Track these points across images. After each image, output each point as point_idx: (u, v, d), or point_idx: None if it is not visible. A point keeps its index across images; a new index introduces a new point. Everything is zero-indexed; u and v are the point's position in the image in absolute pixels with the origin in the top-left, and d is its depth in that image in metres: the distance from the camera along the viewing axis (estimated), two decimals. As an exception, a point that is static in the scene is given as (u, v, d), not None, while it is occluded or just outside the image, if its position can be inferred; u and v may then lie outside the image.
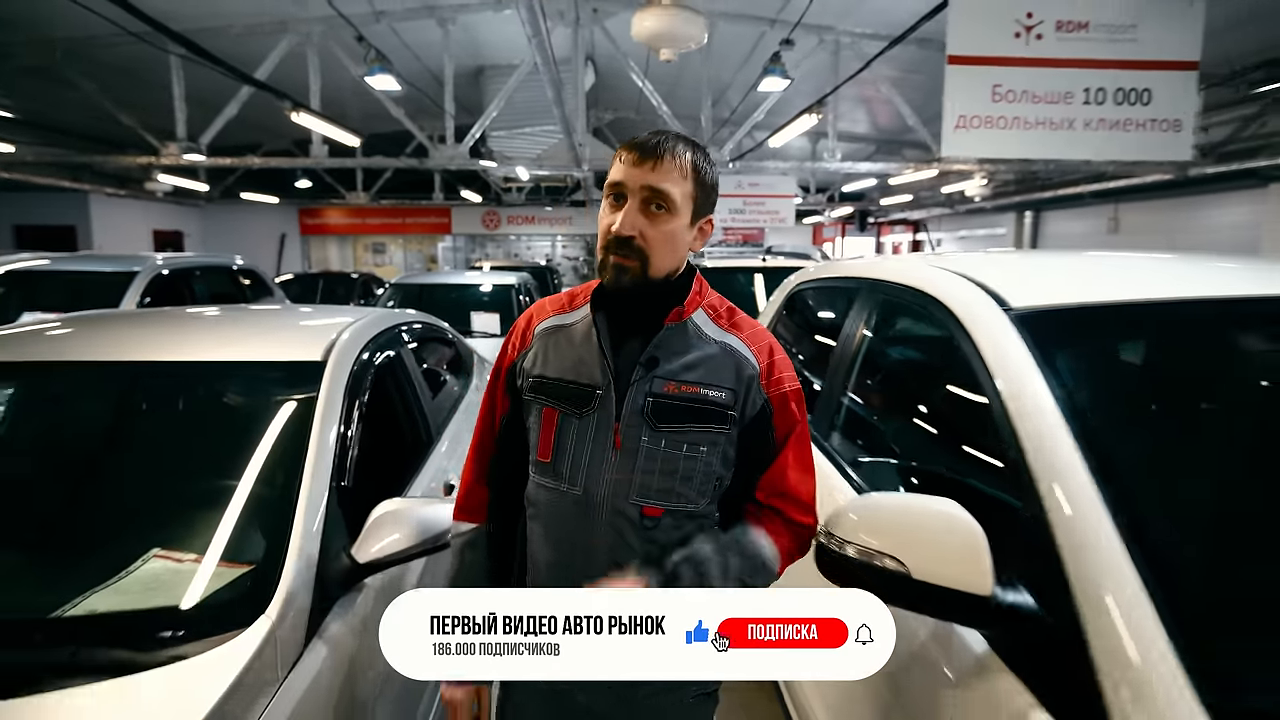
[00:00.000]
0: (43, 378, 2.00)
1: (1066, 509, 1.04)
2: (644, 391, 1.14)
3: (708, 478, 1.16)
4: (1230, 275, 1.55)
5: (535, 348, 1.23)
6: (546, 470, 1.18)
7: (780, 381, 1.21)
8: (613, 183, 1.13)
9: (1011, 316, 1.37)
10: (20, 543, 1.65)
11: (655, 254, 1.12)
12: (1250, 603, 1.00)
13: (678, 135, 1.16)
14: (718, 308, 1.23)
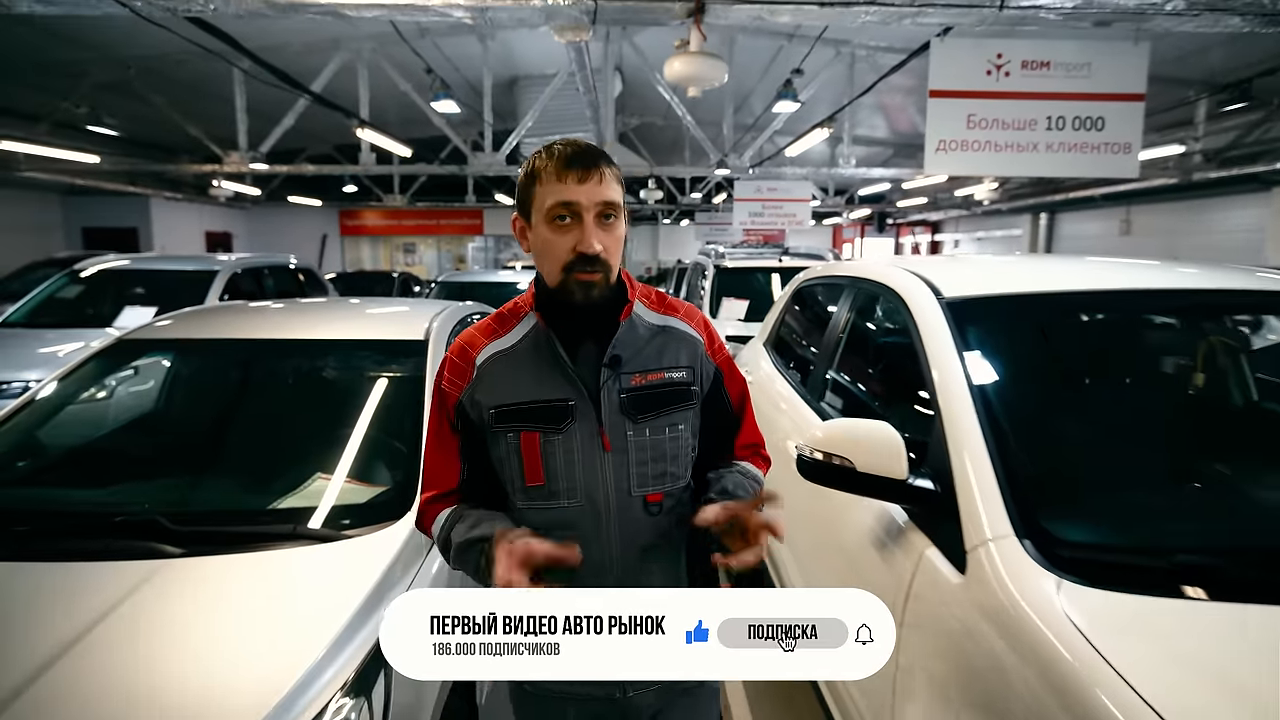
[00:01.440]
0: (239, 349, 2.64)
1: (956, 427, 1.59)
2: (616, 389, 1.17)
3: (687, 452, 1.23)
4: (1110, 273, 2.10)
5: (484, 378, 1.20)
6: (539, 493, 1.18)
7: (721, 348, 1.30)
8: (563, 202, 1.11)
9: (942, 302, 1.92)
10: (232, 465, 2.28)
11: (614, 260, 1.15)
12: (1065, 489, 1.55)
13: (589, 144, 1.18)
14: (649, 294, 1.28)
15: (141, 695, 1.40)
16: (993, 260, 2.64)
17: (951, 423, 1.61)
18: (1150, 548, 1.32)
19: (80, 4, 3.18)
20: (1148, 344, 2.15)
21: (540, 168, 1.14)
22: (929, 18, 3.37)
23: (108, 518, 1.89)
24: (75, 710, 1.36)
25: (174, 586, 1.68)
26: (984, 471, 1.48)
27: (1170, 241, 12.22)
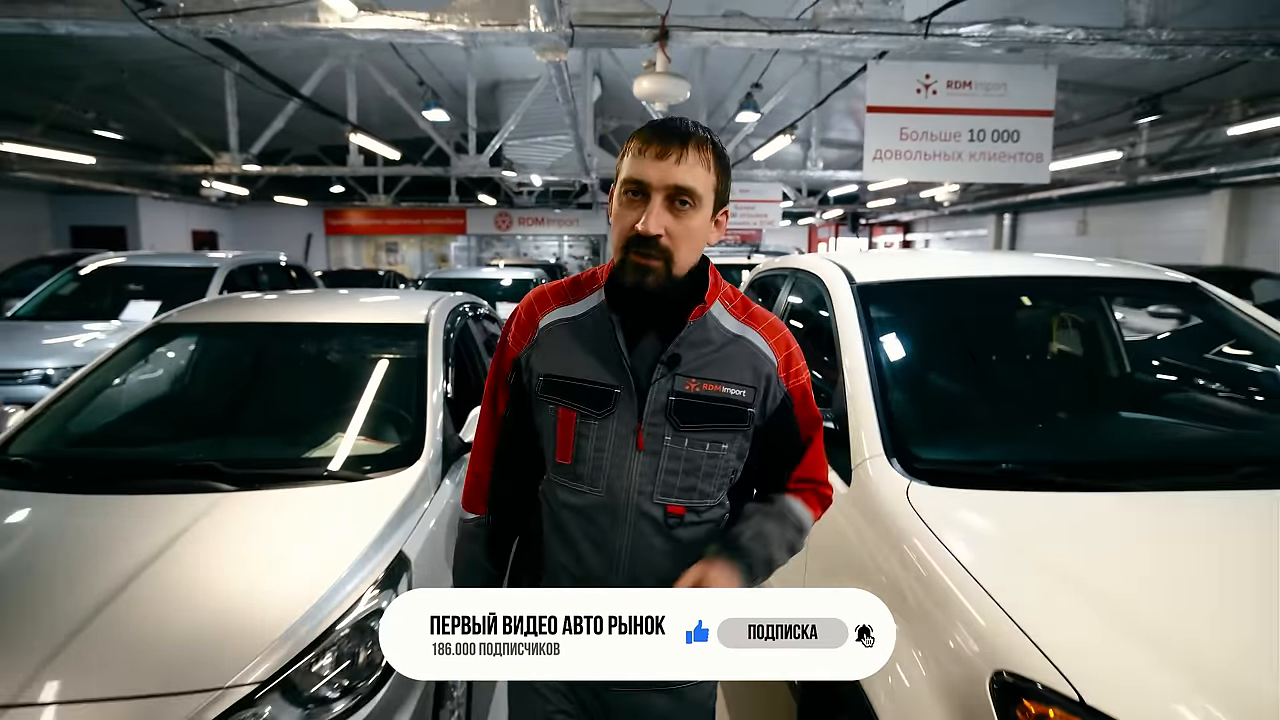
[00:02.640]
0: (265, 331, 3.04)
1: (853, 380, 2.06)
2: (666, 390, 1.10)
3: (726, 473, 1.16)
4: (987, 263, 2.58)
5: (543, 343, 1.17)
6: (566, 472, 1.15)
7: (799, 374, 1.20)
8: (634, 178, 1.05)
9: (853, 286, 2.38)
10: (265, 426, 2.69)
11: (680, 252, 1.07)
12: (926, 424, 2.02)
13: (695, 122, 1.11)
14: (733, 298, 1.20)
15: (214, 591, 1.81)
16: (904, 254, 3.12)
17: (850, 377, 2.07)
18: (980, 461, 1.79)
19: (112, 25, 3.56)
20: (1008, 318, 2.64)
21: (631, 137, 1.09)
22: (864, 43, 3.87)
23: (172, 465, 2.31)
24: (168, 599, 1.77)
25: (231, 513, 2.10)
26: (868, 412, 1.94)
27: (1123, 240, 12.88)
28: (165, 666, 1.60)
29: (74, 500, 2.13)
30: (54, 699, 1.52)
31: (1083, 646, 1.18)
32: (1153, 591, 1.31)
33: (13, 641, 1.61)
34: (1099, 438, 1.95)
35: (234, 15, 3.56)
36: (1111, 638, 1.20)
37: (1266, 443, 1.96)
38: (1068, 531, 1.50)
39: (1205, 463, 1.79)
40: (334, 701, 1.71)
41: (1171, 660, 1.14)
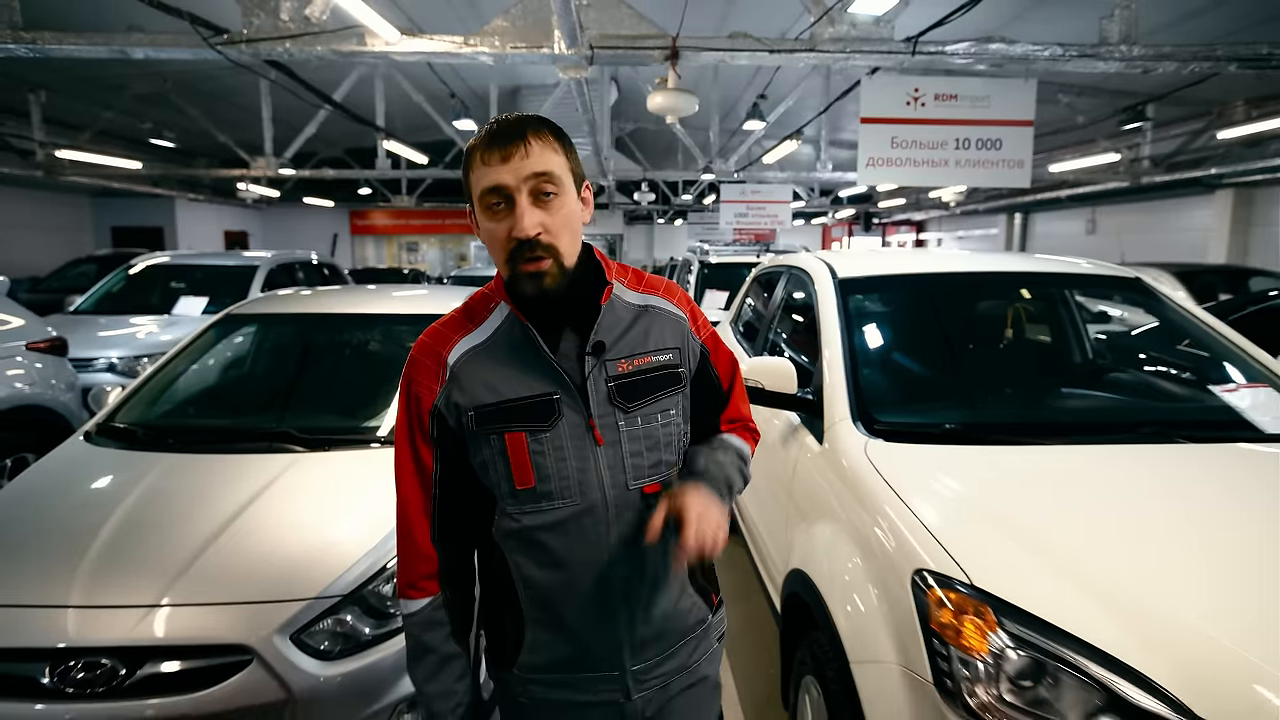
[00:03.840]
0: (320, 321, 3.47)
1: (829, 358, 2.43)
2: (602, 378, 1.10)
3: (679, 436, 1.18)
4: (955, 261, 2.95)
5: (459, 378, 1.10)
6: (530, 496, 1.09)
7: (705, 323, 1.24)
8: (490, 188, 1.02)
9: (835, 280, 2.75)
10: (327, 402, 3.11)
11: (563, 242, 1.05)
12: (887, 393, 2.39)
13: (520, 114, 1.08)
14: (625, 274, 1.20)
15: (298, 527, 2.22)
16: (886, 253, 3.49)
17: (827, 356, 2.45)
18: (927, 423, 2.16)
19: (184, 51, 4.01)
20: (968, 307, 2.99)
21: (470, 152, 1.05)
22: (857, 61, 4.23)
23: (255, 431, 2.74)
24: (264, 532, 2.19)
25: (307, 469, 2.52)
26: (840, 385, 2.32)
27: (1131, 239, 13.07)
28: (268, 581, 2.02)
29: (180, 458, 2.56)
30: (187, 601, 1.94)
31: (979, 549, 1.56)
32: (1044, 514, 1.69)
33: (152, 562, 2.04)
34: (1031, 406, 2.32)
35: (290, 40, 3.99)
36: (1002, 543, 1.57)
37: (1165, 409, 2.33)
38: (986, 473, 1.87)
39: (1114, 424, 2.15)
40: (396, 617, 2.12)
41: (1047, 558, 1.51)
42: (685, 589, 1.20)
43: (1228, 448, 2.00)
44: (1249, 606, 1.37)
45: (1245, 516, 1.66)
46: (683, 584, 1.20)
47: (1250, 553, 1.52)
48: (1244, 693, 1.21)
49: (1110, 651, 1.30)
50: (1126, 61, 4.13)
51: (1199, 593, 1.41)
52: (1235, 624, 1.32)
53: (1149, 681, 1.25)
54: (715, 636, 1.28)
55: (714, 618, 1.28)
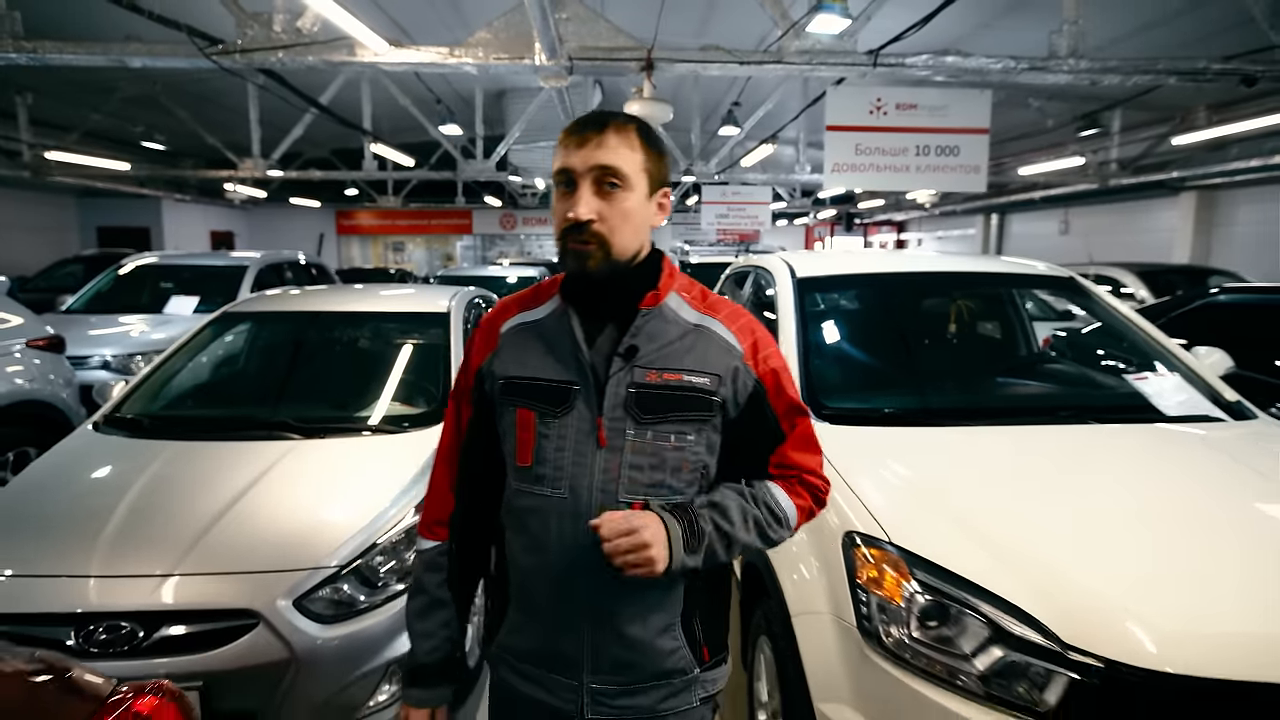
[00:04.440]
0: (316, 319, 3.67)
1: (785, 349, 2.66)
2: (625, 383, 1.09)
3: (695, 467, 1.12)
4: (904, 261, 3.19)
5: (504, 348, 1.16)
6: (527, 475, 1.12)
7: (769, 359, 1.18)
8: (561, 169, 1.08)
9: (794, 278, 2.99)
10: (320, 394, 3.31)
11: (616, 234, 1.07)
12: (836, 383, 2.63)
13: (617, 111, 1.12)
14: (691, 290, 1.19)
15: (298, 507, 2.42)
16: (844, 254, 3.74)
17: (782, 348, 2.68)
18: (869, 408, 2.40)
19: (181, 60, 4.18)
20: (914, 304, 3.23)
21: (559, 138, 1.11)
22: (823, 72, 4.46)
23: (254, 420, 2.94)
24: (267, 511, 2.38)
25: (304, 454, 2.72)
26: (792, 375, 2.55)
27: (1102, 239, 13.43)
28: (272, 552, 2.23)
29: (185, 445, 2.75)
30: (199, 571, 2.14)
31: (901, 514, 1.79)
32: (963, 484, 1.93)
33: (165, 536, 2.23)
34: (965, 393, 2.57)
35: (283, 50, 4.17)
36: (922, 508, 1.81)
37: (1081, 395, 2.59)
38: (917, 451, 2.11)
39: (1035, 409, 2.41)
40: (390, 585, 2.33)
41: (959, 520, 1.75)
42: (671, 629, 1.13)
43: (1131, 428, 2.25)
44: (1118, 553, 1.61)
45: (1132, 484, 1.91)
46: (669, 623, 1.13)
47: (1129, 512, 1.77)
48: (1099, 619, 1.45)
49: (999, 593, 1.54)
50: (1074, 74, 4.40)
51: (1080, 545, 1.65)
52: (1103, 567, 1.56)
53: (1027, 615, 1.49)
54: (699, 694, 1.17)
55: (701, 673, 1.17)
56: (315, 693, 2.13)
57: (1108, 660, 1.40)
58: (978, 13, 6.19)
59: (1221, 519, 1.72)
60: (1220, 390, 2.49)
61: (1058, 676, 1.43)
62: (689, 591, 1.15)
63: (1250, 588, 1.50)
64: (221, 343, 3.66)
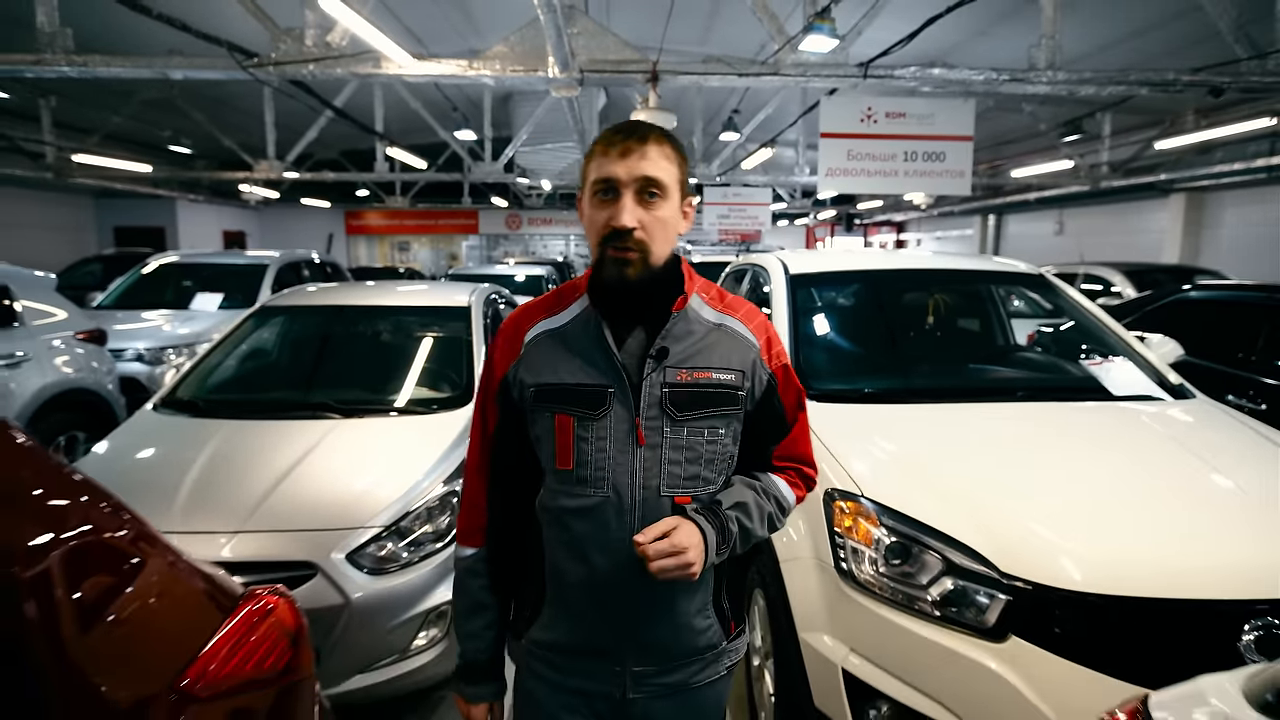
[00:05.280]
0: (345, 312, 3.98)
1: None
2: (659, 383, 1.13)
3: (725, 458, 1.18)
4: (886, 259, 3.49)
5: (530, 355, 1.18)
6: (569, 478, 1.15)
7: (780, 355, 1.24)
8: (603, 178, 1.10)
9: (788, 275, 3.29)
10: (355, 380, 3.61)
11: (655, 242, 1.11)
12: (823, 367, 2.93)
13: (645, 121, 1.16)
14: (709, 290, 1.24)
15: (343, 476, 2.73)
16: (834, 253, 4.05)
17: (775, 338, 2.99)
18: (851, 388, 2.71)
19: (218, 72, 4.49)
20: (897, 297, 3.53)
21: (595, 144, 1.15)
22: (816, 83, 4.77)
23: (299, 402, 3.25)
24: (317, 479, 2.69)
25: (346, 432, 3.03)
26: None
27: (1095, 240, 13.71)
28: (326, 513, 2.54)
29: (239, 424, 3.07)
30: (264, 529, 2.45)
31: (873, 473, 2.10)
32: (927, 448, 2.23)
33: (232, 499, 2.54)
34: (936, 376, 2.88)
35: (314, 63, 4.48)
36: (891, 468, 2.12)
37: (1040, 379, 2.90)
38: (889, 423, 2.42)
39: (997, 389, 2.72)
40: (425, 544, 2.64)
41: (922, 476, 2.06)
42: (705, 609, 1.21)
43: (1082, 405, 2.56)
44: (1051, 500, 1.92)
45: (1072, 448, 2.22)
46: (703, 604, 1.21)
47: (1066, 469, 2.08)
48: (1030, 551, 1.76)
49: (951, 534, 1.85)
50: (1052, 85, 4.69)
51: (1021, 495, 1.96)
52: (1038, 511, 1.88)
53: (973, 551, 1.80)
54: (726, 664, 1.27)
55: (728, 644, 1.27)
56: (364, 635, 2.44)
57: (1036, 584, 1.70)
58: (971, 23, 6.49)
59: (1138, 475, 2.04)
60: (1165, 374, 2.80)
61: (997, 599, 1.74)
62: (717, 572, 1.22)
63: (1147, 525, 1.82)
64: (261, 334, 3.97)
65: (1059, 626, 1.68)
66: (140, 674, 1.08)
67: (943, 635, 1.77)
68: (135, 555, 1.19)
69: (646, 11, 8.70)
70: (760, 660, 2.47)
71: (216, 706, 1.15)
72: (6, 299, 4.36)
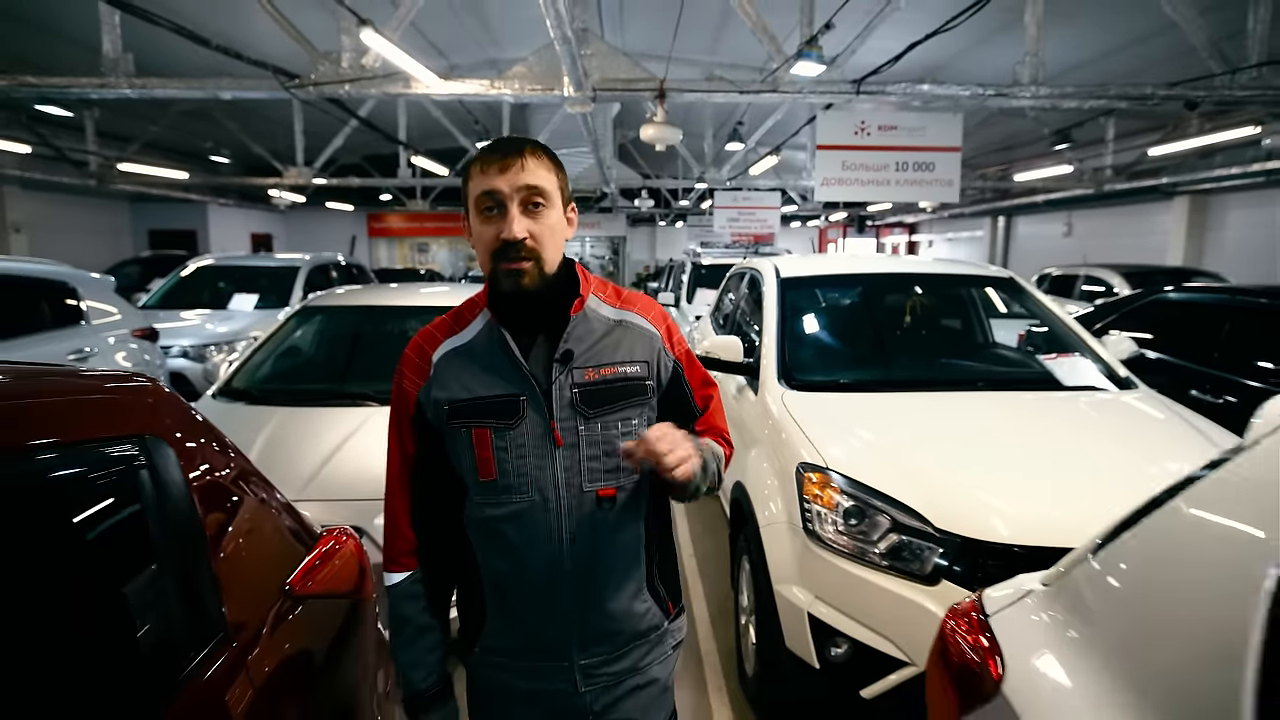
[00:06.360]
0: (377, 311, 4.38)
1: (766, 338, 3.32)
2: (567, 384, 1.16)
3: None
4: (869, 264, 3.84)
5: (440, 374, 1.19)
6: (491, 489, 1.17)
7: (680, 341, 1.30)
8: (486, 192, 1.12)
9: (779, 279, 3.65)
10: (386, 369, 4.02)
11: (546, 249, 1.14)
12: (804, 362, 3.28)
13: (517, 136, 1.19)
14: (604, 289, 1.27)
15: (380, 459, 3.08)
16: (825, 257, 4.42)
17: (765, 336, 3.34)
18: (828, 379, 3.06)
19: (263, 92, 4.91)
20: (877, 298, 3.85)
21: (471, 163, 1.16)
22: (813, 98, 5.11)
23: (341, 392, 3.65)
24: (359, 461, 3.08)
25: (382, 418, 3.39)
26: (771, 355, 3.22)
27: (1103, 242, 13.90)
28: (367, 485, 2.92)
29: (290, 410, 3.47)
30: (318, 498, 2.84)
31: (838, 449, 2.45)
32: (888, 428, 2.58)
33: (288, 473, 2.94)
34: (906, 369, 3.22)
35: (350, 83, 4.89)
36: (854, 444, 2.47)
37: (996, 371, 3.24)
38: (859, 408, 2.77)
39: (959, 381, 3.06)
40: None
41: (881, 451, 2.41)
42: (640, 593, 1.25)
43: (1033, 394, 2.90)
44: (985, 470, 2.27)
45: (1015, 429, 2.56)
46: (638, 589, 1.25)
47: (1005, 446, 2.43)
48: (962, 511, 2.11)
49: (898, 498, 2.20)
50: (1035, 99, 5.00)
51: (962, 466, 2.31)
52: (972, 479, 2.23)
53: (915, 512, 2.15)
54: (671, 644, 1.32)
55: (670, 624, 1.31)
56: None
57: (964, 537, 2.05)
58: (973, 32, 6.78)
59: (1061, 451, 2.39)
60: (1115, 368, 3.13)
61: (933, 551, 2.09)
62: (648, 556, 1.26)
63: (1058, 492, 2.17)
64: (303, 331, 4.39)
65: (980, 572, 2.03)
66: (266, 577, 1.47)
67: (890, 582, 2.12)
68: (237, 494, 1.56)
69: (658, 20, 9.09)
70: (746, 619, 2.83)
71: (311, 606, 1.54)
72: (74, 299, 4.81)
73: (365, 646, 1.77)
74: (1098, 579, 1.06)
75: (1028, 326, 4.33)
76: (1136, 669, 0.90)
